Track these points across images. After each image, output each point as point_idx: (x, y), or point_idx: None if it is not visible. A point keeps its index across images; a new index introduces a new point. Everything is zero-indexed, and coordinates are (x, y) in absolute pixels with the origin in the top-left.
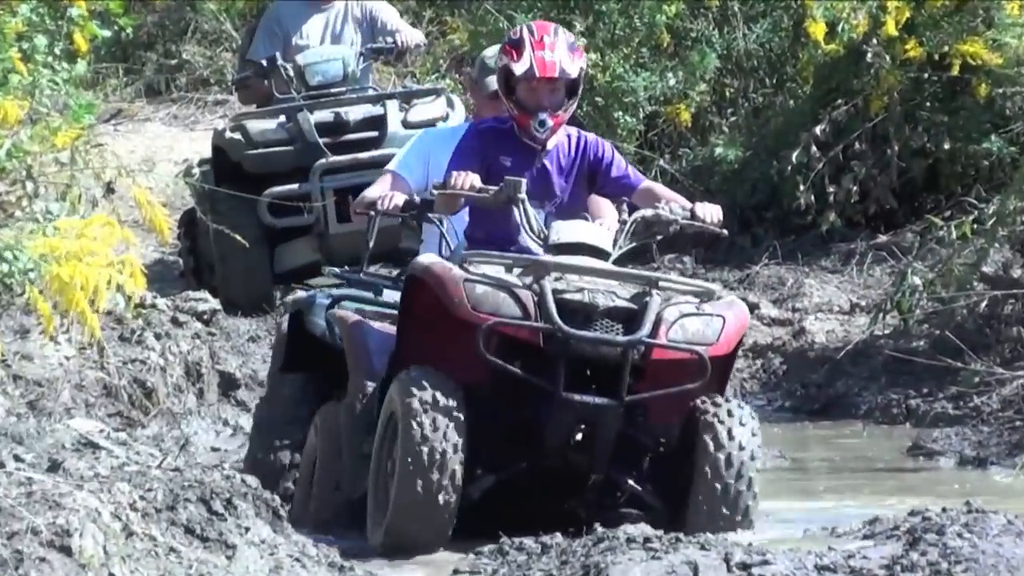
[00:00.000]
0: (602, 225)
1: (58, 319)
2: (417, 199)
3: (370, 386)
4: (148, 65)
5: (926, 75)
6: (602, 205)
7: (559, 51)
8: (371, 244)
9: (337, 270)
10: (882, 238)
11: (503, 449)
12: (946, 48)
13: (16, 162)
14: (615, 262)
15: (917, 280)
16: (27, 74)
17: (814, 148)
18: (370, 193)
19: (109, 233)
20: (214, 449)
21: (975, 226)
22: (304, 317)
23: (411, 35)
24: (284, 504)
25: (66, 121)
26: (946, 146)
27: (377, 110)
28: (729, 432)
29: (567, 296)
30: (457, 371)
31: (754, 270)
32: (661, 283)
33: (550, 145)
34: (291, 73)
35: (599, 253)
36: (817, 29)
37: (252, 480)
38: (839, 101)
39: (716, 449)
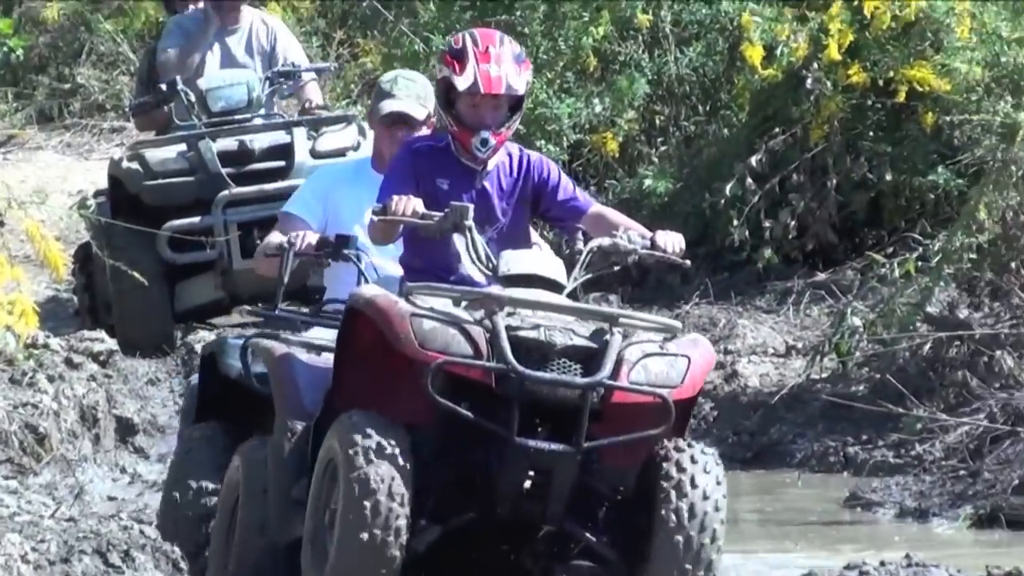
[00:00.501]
0: (548, 254)
1: None
2: (331, 236)
3: (299, 424)
4: (40, 89)
5: (869, 102)
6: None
7: (505, 64)
8: (285, 282)
9: (250, 308)
10: (820, 276)
11: (450, 498)
12: (891, 73)
13: None
14: (570, 295)
15: (857, 321)
16: None
17: (749, 180)
18: (273, 239)
19: None
20: (111, 498)
21: (919, 263)
22: (217, 360)
23: (313, 92)
24: (186, 558)
25: None
26: (889, 178)
27: (284, 138)
28: (692, 480)
29: (522, 333)
30: (400, 412)
31: (684, 309)
32: (622, 319)
33: (491, 165)
34: (192, 98)
35: (553, 286)
36: (754, 53)
37: (151, 531)
38: (776, 130)
39: (678, 498)
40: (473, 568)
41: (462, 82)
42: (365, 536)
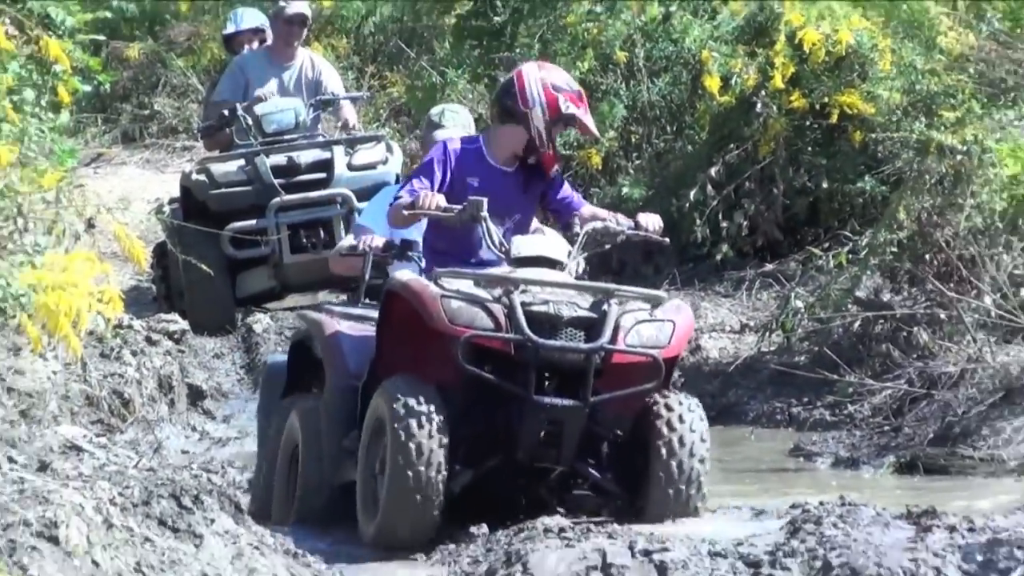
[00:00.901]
0: (554, 236)
1: (46, 339)
2: (397, 240)
3: (345, 384)
4: (124, 115)
5: (808, 123)
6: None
7: (565, 91)
8: (367, 279)
9: (337, 302)
10: (768, 266)
11: (478, 447)
12: (826, 99)
13: (7, 201)
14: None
15: (799, 303)
16: (17, 123)
17: (709, 187)
18: (345, 243)
19: (90, 267)
20: (183, 452)
21: (850, 256)
22: (310, 344)
23: (350, 115)
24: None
25: (52, 165)
26: (825, 185)
27: (325, 154)
28: (680, 417)
29: (534, 308)
30: (432, 377)
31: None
32: (616, 292)
33: (516, 171)
34: (249, 122)
35: (555, 264)
36: (712, 83)
37: (217, 479)
38: (731, 146)
39: (670, 431)
40: (497, 502)
41: (531, 103)
42: (411, 476)
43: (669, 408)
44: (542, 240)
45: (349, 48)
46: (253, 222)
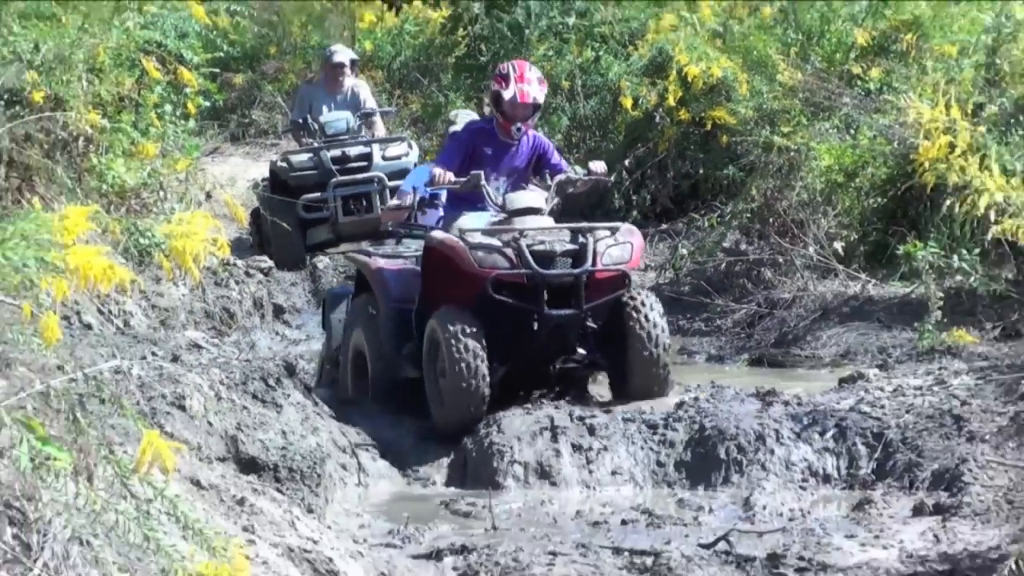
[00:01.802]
0: (534, 190)
1: (177, 272)
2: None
3: (394, 306)
4: (231, 122)
5: (691, 130)
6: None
7: (533, 85)
8: (416, 219)
9: (373, 247)
10: (664, 226)
11: (507, 349)
12: (703, 114)
13: (153, 179)
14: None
15: (684, 251)
16: (159, 127)
17: (624, 173)
18: (394, 201)
19: (206, 223)
20: (269, 349)
21: (718, 219)
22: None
23: (380, 128)
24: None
25: (183, 155)
26: (702, 172)
27: (366, 150)
28: (646, 316)
29: (535, 248)
30: (468, 304)
31: None
32: (588, 227)
33: (518, 139)
34: (316, 127)
35: (539, 211)
36: (627, 102)
37: (290, 367)
38: (639, 145)
39: (638, 315)
40: (519, 384)
41: (507, 94)
42: (463, 380)
43: (637, 307)
44: (527, 194)
45: (383, 77)
46: (318, 195)
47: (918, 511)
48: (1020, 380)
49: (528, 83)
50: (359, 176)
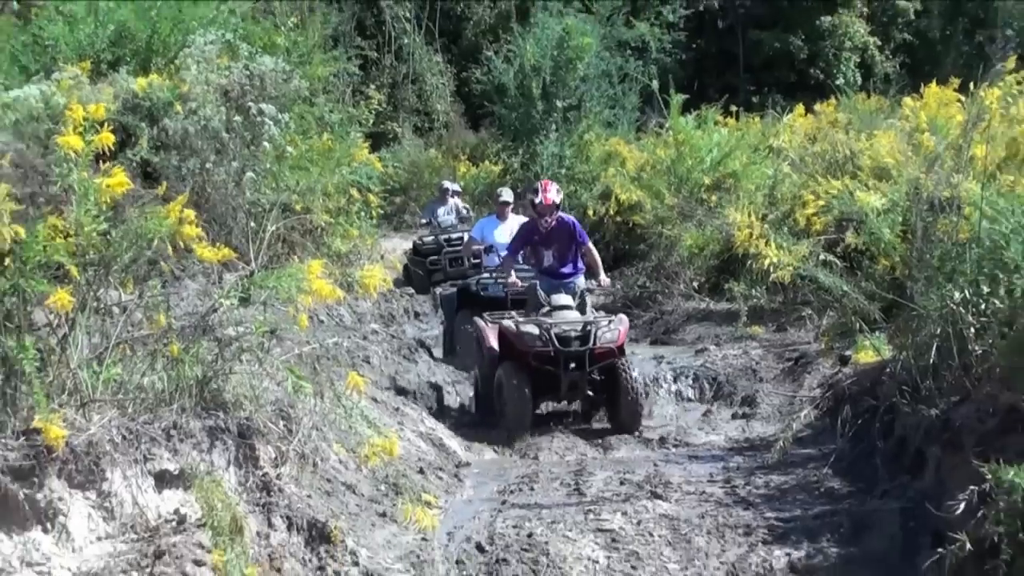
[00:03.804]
0: (567, 293)
1: (366, 294)
2: (487, 244)
3: (490, 354)
4: (394, 220)
5: (622, 226)
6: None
7: (551, 193)
8: (470, 259)
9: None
10: (612, 272)
11: (542, 392)
12: (628, 218)
13: (354, 249)
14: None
15: (619, 285)
16: (358, 223)
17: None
18: (468, 242)
19: (380, 271)
20: (413, 336)
21: (636, 271)
22: (470, 286)
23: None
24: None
25: (369, 237)
26: (627, 247)
27: (460, 235)
28: (629, 375)
29: (559, 333)
30: (520, 362)
31: None
32: (595, 319)
33: (551, 225)
34: (436, 223)
35: (569, 307)
36: (590, 212)
37: (422, 343)
38: (595, 234)
39: (625, 376)
40: (550, 415)
41: (537, 200)
42: (516, 409)
43: (624, 369)
44: (563, 297)
45: (470, 198)
46: (436, 257)
47: (735, 416)
48: (784, 352)
49: (548, 192)
50: (456, 247)
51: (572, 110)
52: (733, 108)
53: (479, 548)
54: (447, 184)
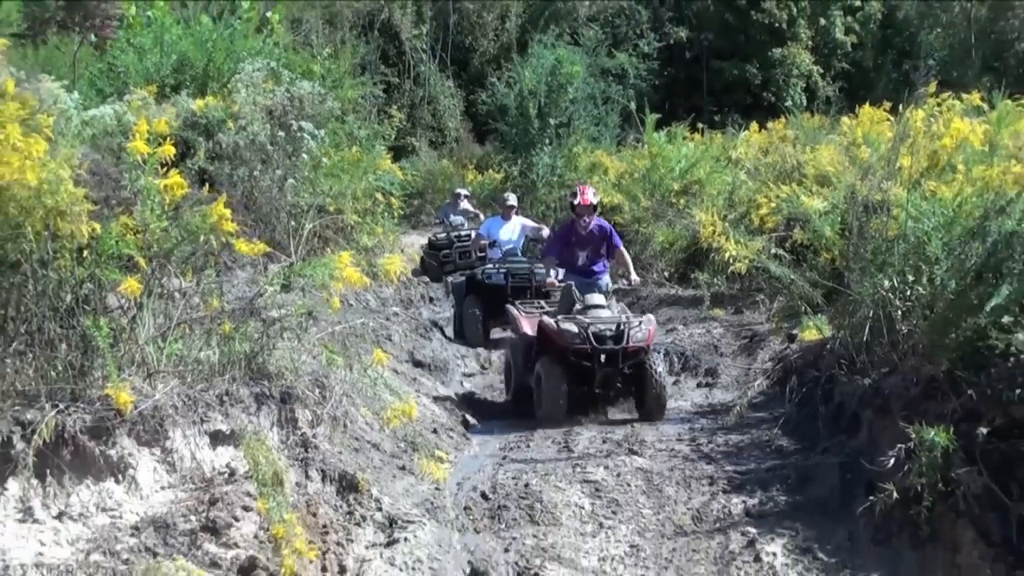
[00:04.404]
0: (600, 293)
1: (392, 280)
2: (492, 239)
3: (524, 340)
4: (412, 219)
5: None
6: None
7: (588, 196)
8: (477, 252)
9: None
10: None
11: (579, 381)
12: (611, 218)
13: (378, 243)
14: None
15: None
16: (382, 221)
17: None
18: (474, 240)
19: (399, 260)
20: (426, 317)
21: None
22: (477, 275)
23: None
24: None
25: (391, 233)
26: None
27: (469, 232)
28: (656, 370)
29: (594, 331)
30: (558, 357)
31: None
32: (627, 319)
33: (589, 226)
34: (448, 222)
35: (603, 306)
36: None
37: (435, 323)
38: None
39: (652, 370)
40: (584, 404)
41: (576, 202)
42: (553, 397)
43: (651, 365)
44: (597, 295)
45: (478, 200)
46: (447, 250)
47: (699, 386)
48: (741, 331)
49: (586, 194)
50: (465, 242)
51: (563, 127)
52: (699, 125)
53: (483, 496)
54: (459, 190)
